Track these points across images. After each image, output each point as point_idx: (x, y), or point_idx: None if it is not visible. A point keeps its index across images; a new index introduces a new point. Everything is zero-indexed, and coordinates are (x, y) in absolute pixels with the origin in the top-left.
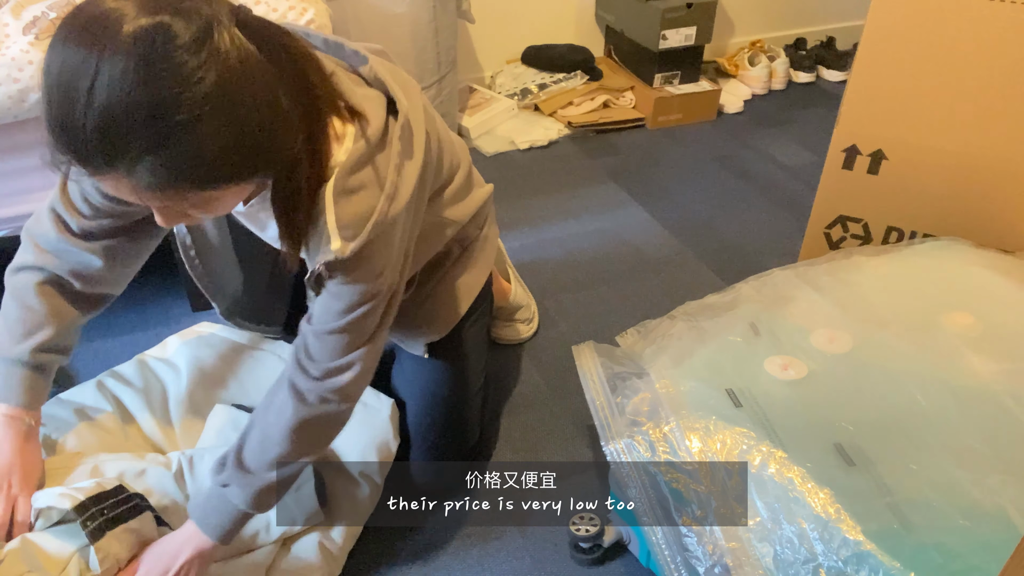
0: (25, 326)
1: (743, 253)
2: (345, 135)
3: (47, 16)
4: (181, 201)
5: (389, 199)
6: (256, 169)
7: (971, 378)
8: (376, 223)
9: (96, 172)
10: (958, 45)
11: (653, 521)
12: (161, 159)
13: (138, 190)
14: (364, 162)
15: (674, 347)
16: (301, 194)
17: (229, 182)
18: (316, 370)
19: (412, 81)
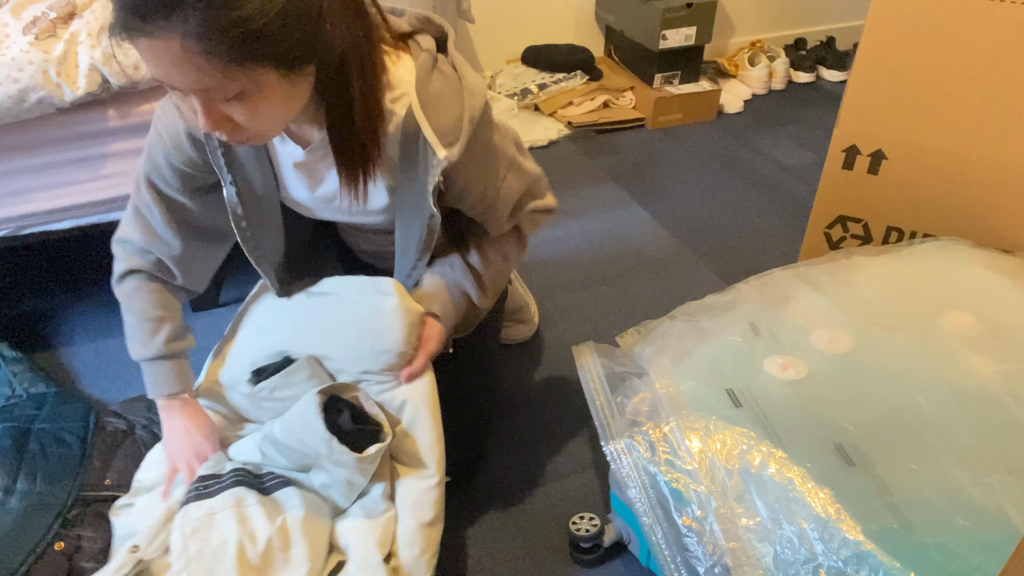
0: (149, 325)
1: (743, 253)
2: (400, 58)
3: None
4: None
5: (471, 94)
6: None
7: (971, 378)
8: (470, 119)
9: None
10: (958, 45)
11: (653, 521)
12: (212, 7)
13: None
14: (430, 70)
15: (674, 347)
16: (354, 109)
17: (272, 60)
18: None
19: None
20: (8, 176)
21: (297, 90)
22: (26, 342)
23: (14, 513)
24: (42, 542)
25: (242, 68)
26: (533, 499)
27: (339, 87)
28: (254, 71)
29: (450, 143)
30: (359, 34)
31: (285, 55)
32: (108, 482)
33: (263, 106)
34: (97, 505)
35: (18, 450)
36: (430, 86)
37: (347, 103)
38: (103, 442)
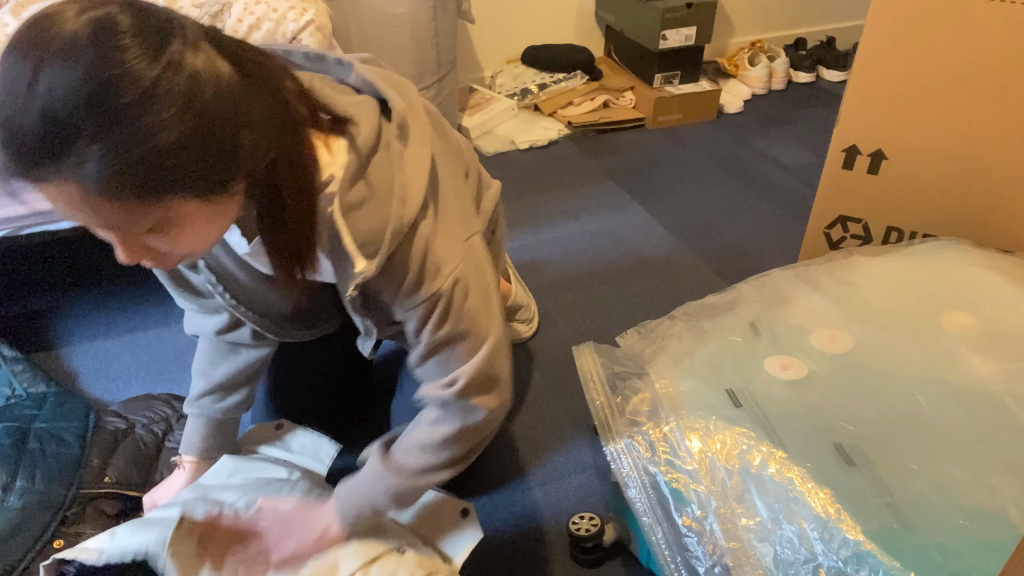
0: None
1: (743, 253)
2: (336, 148)
3: None
4: (139, 221)
5: (401, 202)
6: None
7: (971, 378)
8: (394, 232)
9: (43, 174)
10: (958, 45)
11: (653, 521)
12: (109, 146)
13: (89, 197)
14: (361, 171)
15: (674, 347)
16: (286, 213)
17: (187, 189)
18: (447, 388)
19: (407, 82)
20: None
21: (223, 209)
22: (26, 342)
23: (13, 511)
24: (41, 540)
25: (153, 204)
26: (533, 499)
27: (270, 194)
28: (168, 204)
29: (368, 255)
30: (287, 137)
31: (201, 182)
32: (108, 480)
33: (185, 234)
34: (96, 503)
35: (18, 449)
36: (351, 192)
37: (279, 208)
38: (103, 441)
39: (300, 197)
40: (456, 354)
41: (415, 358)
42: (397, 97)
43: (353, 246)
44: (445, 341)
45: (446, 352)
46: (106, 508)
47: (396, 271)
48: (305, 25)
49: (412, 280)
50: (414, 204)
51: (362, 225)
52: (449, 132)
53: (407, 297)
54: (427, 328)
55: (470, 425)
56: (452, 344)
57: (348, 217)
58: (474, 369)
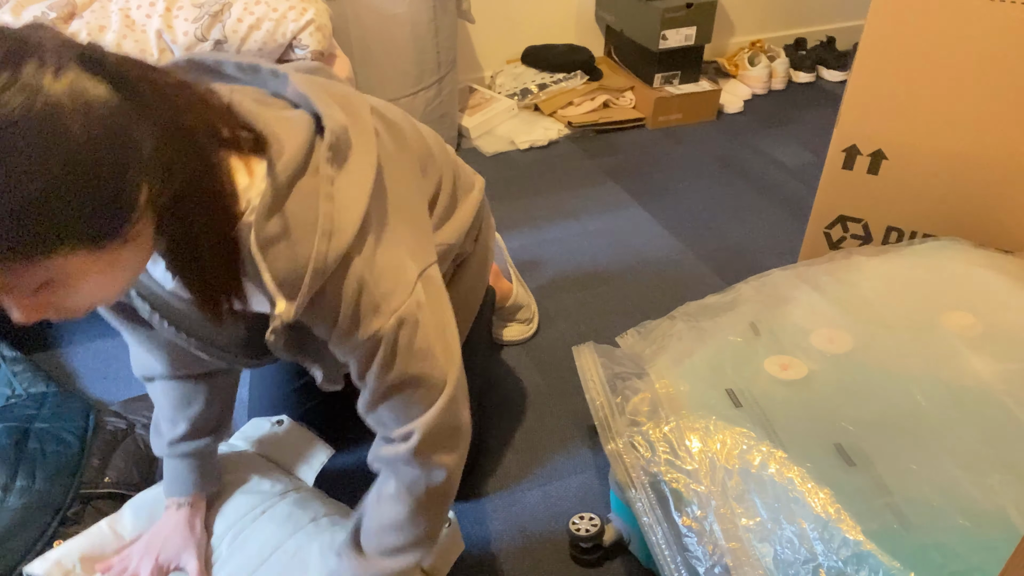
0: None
1: (743, 253)
2: (258, 171)
3: (47, 16)
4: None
5: (326, 236)
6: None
7: (971, 378)
8: (315, 272)
9: None
10: (958, 45)
11: (653, 521)
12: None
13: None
14: (280, 200)
15: (674, 347)
16: (199, 250)
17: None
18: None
19: (356, 95)
20: None
21: (122, 256)
22: (26, 342)
23: (13, 511)
24: (41, 540)
25: (33, 262)
26: (533, 499)
27: (178, 230)
28: (51, 260)
29: (288, 296)
30: (192, 165)
31: (85, 232)
32: (107, 480)
33: (81, 288)
34: (96, 503)
35: (18, 449)
36: (268, 225)
37: (191, 245)
38: (103, 441)
39: (212, 232)
40: (410, 402)
41: (363, 404)
42: (336, 112)
43: (272, 285)
44: (395, 387)
45: (397, 399)
46: (106, 508)
47: (326, 310)
48: (305, 25)
49: (346, 321)
50: (343, 238)
51: (280, 263)
52: (416, 141)
53: (343, 339)
54: (371, 372)
55: (433, 488)
56: (403, 390)
57: (266, 253)
58: (432, 420)
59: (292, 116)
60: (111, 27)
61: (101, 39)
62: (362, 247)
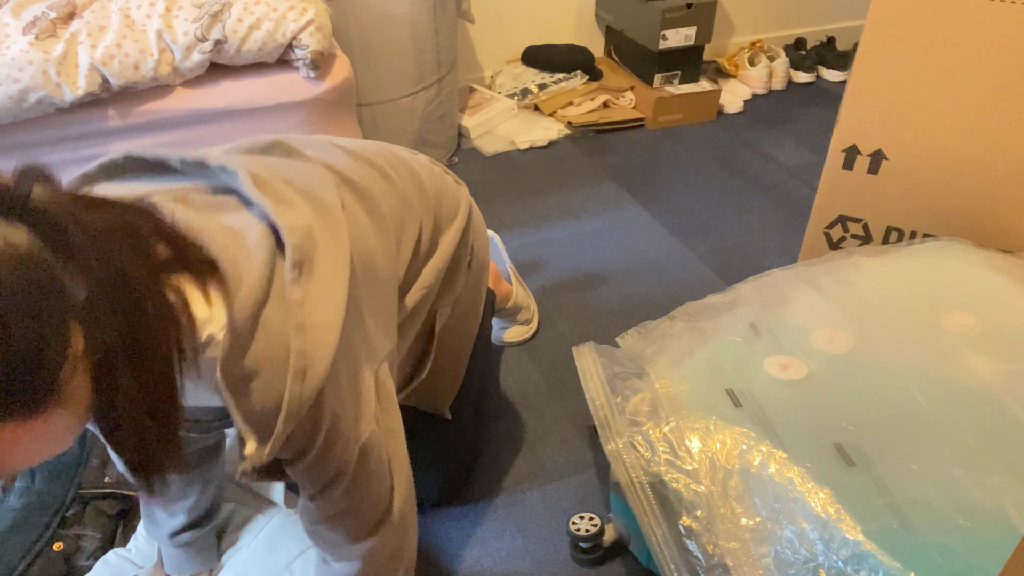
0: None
1: (743, 253)
2: (217, 300)
3: (47, 16)
4: None
5: (299, 375)
6: (26, 398)
7: (971, 378)
8: (289, 414)
9: None
10: (958, 45)
11: (653, 521)
12: None
13: None
14: (245, 340)
15: (674, 347)
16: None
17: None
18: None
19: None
20: None
21: (55, 422)
22: None
23: (13, 511)
24: (40, 540)
25: None
26: (533, 499)
27: (112, 387)
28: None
29: (261, 437)
30: (133, 312)
31: (12, 404)
32: (107, 480)
33: (15, 454)
34: (96, 503)
35: None
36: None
37: (121, 402)
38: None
39: (150, 395)
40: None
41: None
42: (296, 214)
43: (244, 426)
44: (346, 510)
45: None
46: (106, 508)
47: (296, 445)
48: (305, 25)
49: (316, 454)
50: (317, 374)
51: (251, 404)
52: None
53: (309, 469)
54: (326, 495)
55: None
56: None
57: (236, 394)
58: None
59: (245, 228)
60: (111, 27)
61: (101, 39)
62: (336, 377)
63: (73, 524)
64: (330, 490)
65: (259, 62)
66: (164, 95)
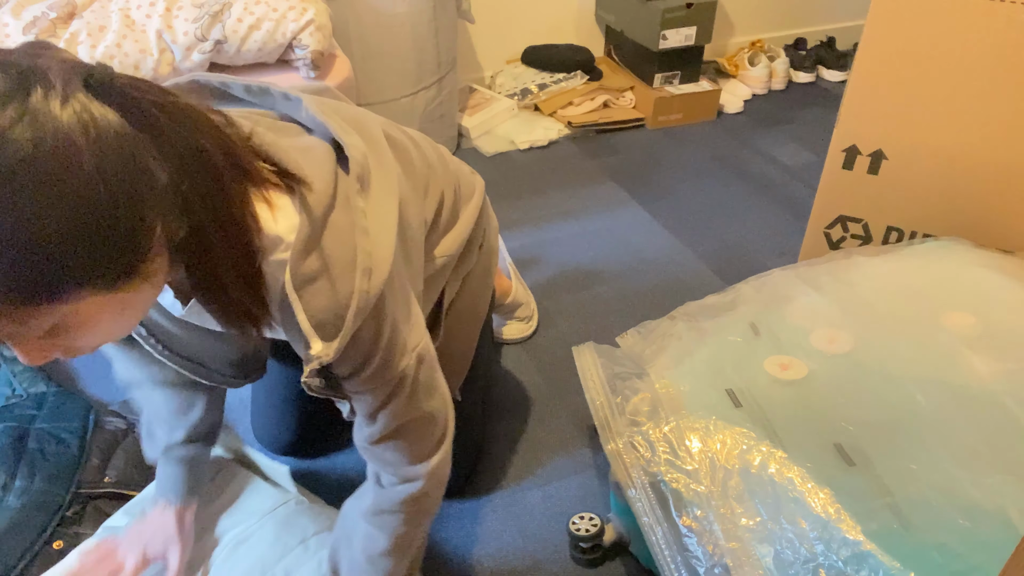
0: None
1: (743, 253)
2: (281, 205)
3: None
4: (32, 326)
5: (367, 274)
6: (122, 267)
7: (971, 378)
8: (358, 310)
9: None
10: (958, 45)
11: (653, 521)
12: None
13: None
14: (317, 237)
15: (674, 347)
16: (225, 284)
17: (83, 286)
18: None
19: (366, 114)
20: None
21: (137, 295)
22: None
23: (12, 511)
24: (40, 539)
25: (43, 307)
26: (533, 499)
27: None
28: (62, 304)
29: (326, 337)
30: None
31: (100, 275)
32: (107, 480)
33: (93, 330)
34: (96, 502)
35: (17, 449)
36: (305, 264)
37: (213, 277)
38: (102, 440)
39: (235, 268)
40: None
41: (368, 439)
42: (356, 139)
43: (308, 326)
44: (406, 425)
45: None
46: (106, 508)
47: (360, 350)
48: (305, 25)
49: (379, 361)
50: (381, 275)
51: (319, 302)
52: (419, 160)
53: (371, 378)
54: (387, 410)
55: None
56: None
57: (302, 292)
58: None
59: (312, 146)
60: (111, 27)
61: (101, 39)
62: (392, 284)
63: (73, 524)
64: (393, 402)
65: (259, 62)
66: None
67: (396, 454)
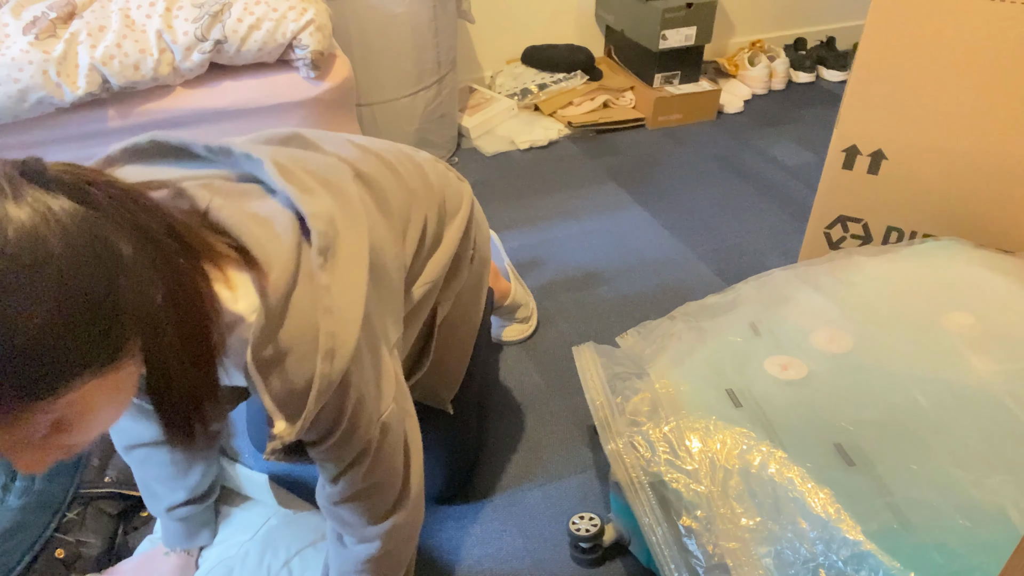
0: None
1: (743, 253)
2: (239, 283)
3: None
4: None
5: (329, 356)
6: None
7: (971, 378)
8: (320, 392)
9: None
10: (958, 45)
11: (653, 521)
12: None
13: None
14: (276, 325)
15: (674, 347)
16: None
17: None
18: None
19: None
20: None
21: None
22: None
23: (12, 511)
24: (40, 539)
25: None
26: (533, 499)
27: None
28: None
29: (289, 418)
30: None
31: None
32: (107, 480)
33: (90, 418)
34: (97, 502)
35: None
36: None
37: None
38: (103, 440)
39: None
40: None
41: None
42: (321, 202)
43: (272, 405)
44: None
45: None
46: (107, 508)
47: (323, 425)
48: (305, 25)
49: (342, 435)
50: (344, 356)
51: (281, 385)
52: (397, 187)
53: (333, 450)
54: (348, 476)
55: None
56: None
57: (265, 375)
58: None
59: (272, 215)
60: (111, 27)
61: (101, 39)
62: (359, 358)
63: (74, 528)
64: (353, 470)
65: (259, 62)
66: (164, 95)
67: (355, 516)
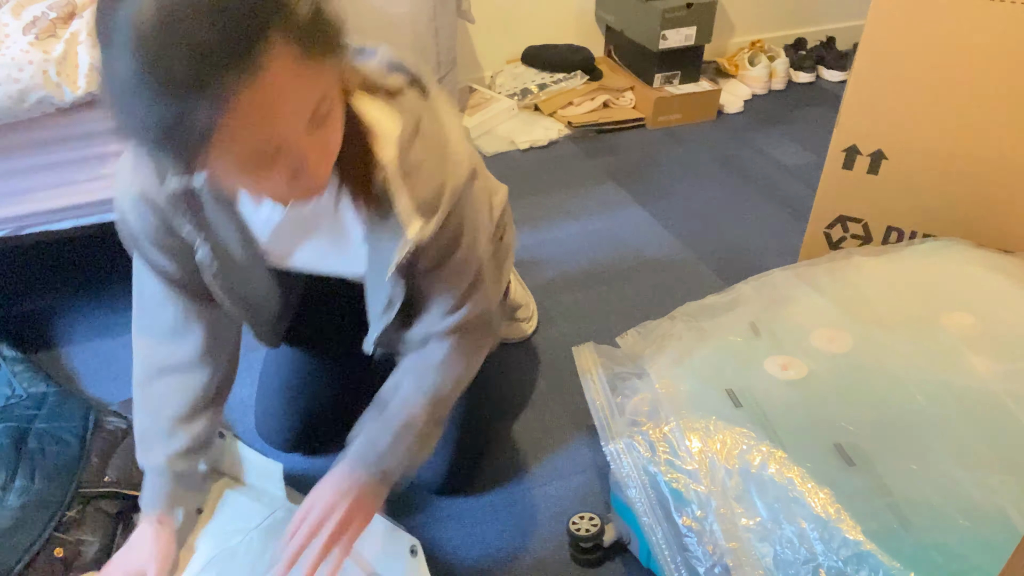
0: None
1: (743, 253)
2: (382, 109)
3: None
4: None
5: (456, 166)
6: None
7: (971, 378)
8: (452, 191)
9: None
10: (958, 45)
11: (653, 521)
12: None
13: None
14: (413, 132)
15: (674, 347)
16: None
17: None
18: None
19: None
20: (8, 176)
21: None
22: (26, 342)
23: (12, 510)
24: (39, 539)
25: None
26: (533, 499)
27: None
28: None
29: (426, 216)
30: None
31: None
32: (107, 480)
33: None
34: (97, 502)
35: (17, 449)
36: (411, 152)
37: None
38: (102, 440)
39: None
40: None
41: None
42: (428, 72)
43: (411, 208)
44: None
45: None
46: (106, 508)
47: (450, 233)
48: None
49: (465, 248)
50: (464, 169)
51: (421, 186)
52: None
53: (459, 266)
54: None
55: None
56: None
57: (407, 179)
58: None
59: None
60: None
61: None
62: (470, 190)
63: (73, 527)
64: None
65: None
66: None
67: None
